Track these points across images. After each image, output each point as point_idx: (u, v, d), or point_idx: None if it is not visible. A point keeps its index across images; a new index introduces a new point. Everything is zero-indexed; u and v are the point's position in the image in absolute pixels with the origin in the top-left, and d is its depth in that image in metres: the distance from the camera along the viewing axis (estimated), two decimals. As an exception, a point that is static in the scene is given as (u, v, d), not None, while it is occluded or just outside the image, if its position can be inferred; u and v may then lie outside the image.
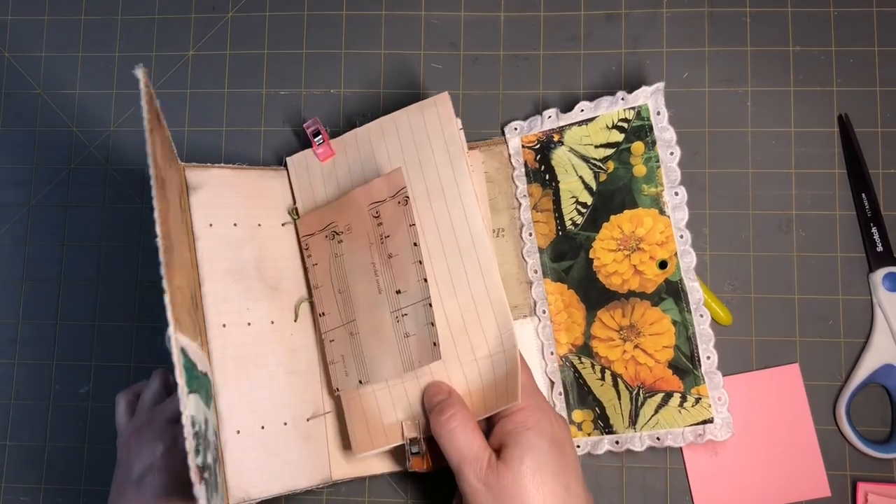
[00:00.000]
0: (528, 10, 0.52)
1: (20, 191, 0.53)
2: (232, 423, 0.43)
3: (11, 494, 0.50)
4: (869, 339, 0.47)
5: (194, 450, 0.32)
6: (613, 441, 0.46)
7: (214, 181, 0.46)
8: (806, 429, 0.47)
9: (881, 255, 0.47)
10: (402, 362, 0.43)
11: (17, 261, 0.52)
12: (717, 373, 0.45)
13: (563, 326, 0.48)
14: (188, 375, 0.34)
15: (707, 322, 0.45)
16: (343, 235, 0.46)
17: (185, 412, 0.32)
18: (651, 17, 0.51)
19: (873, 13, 0.50)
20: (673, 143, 0.46)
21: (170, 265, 0.35)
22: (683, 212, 0.46)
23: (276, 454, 0.44)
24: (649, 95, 0.46)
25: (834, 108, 0.49)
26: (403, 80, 0.52)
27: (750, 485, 0.46)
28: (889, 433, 0.47)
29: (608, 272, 0.47)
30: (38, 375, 0.51)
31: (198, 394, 0.35)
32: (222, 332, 0.44)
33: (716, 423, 0.45)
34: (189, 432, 0.32)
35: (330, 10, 0.52)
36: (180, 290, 0.37)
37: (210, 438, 0.36)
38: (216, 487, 0.38)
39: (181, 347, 0.33)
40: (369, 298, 0.45)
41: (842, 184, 0.49)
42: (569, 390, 0.47)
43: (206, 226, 0.45)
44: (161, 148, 0.38)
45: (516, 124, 0.49)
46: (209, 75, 0.53)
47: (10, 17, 0.54)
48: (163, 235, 0.34)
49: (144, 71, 0.34)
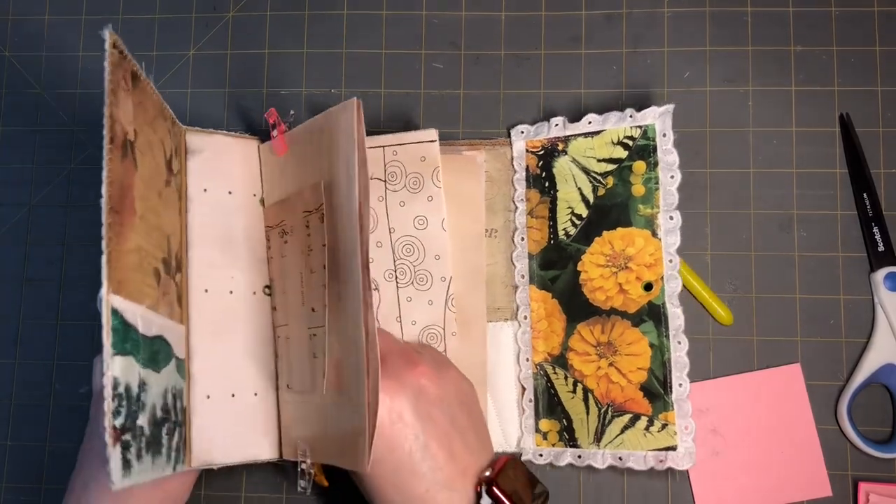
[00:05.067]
0: (528, 9, 0.52)
1: (20, 191, 0.53)
2: (203, 387, 0.44)
3: (11, 494, 0.50)
4: (870, 338, 0.47)
5: (113, 411, 0.32)
6: (576, 455, 0.46)
7: (214, 147, 0.46)
8: (807, 429, 0.47)
9: (882, 255, 0.47)
10: (310, 381, 0.42)
11: (17, 261, 0.52)
12: (688, 401, 0.45)
13: (543, 335, 0.48)
14: (121, 337, 0.34)
15: (684, 350, 0.45)
16: (288, 237, 0.45)
17: (107, 372, 0.32)
18: (652, 17, 0.51)
19: (875, 12, 0.50)
20: (675, 167, 0.46)
21: (121, 226, 0.35)
22: (675, 237, 0.45)
23: (243, 423, 0.45)
24: (657, 116, 0.46)
25: (835, 108, 0.49)
26: (404, 80, 0.52)
27: (751, 484, 0.46)
28: (891, 433, 0.47)
29: (593, 287, 0.47)
30: (38, 375, 0.51)
31: (132, 356, 0.34)
32: (204, 297, 0.45)
33: (679, 451, 0.44)
34: (109, 393, 0.32)
35: (331, 9, 0.52)
36: (136, 252, 0.36)
37: (149, 401, 0.36)
38: (167, 450, 0.38)
39: (113, 308, 0.33)
40: (297, 307, 0.44)
41: (843, 183, 0.49)
42: (539, 398, 0.47)
43: (201, 190, 0.45)
44: (136, 109, 0.37)
45: (523, 128, 0.49)
46: (209, 75, 0.53)
47: (10, 16, 0.54)
48: (109, 196, 0.33)
49: (112, 33, 0.34)
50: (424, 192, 0.48)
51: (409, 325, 0.48)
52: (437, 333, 0.47)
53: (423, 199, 0.48)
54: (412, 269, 0.48)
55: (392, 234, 0.48)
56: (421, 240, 0.48)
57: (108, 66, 0.34)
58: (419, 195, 0.48)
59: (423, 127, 0.50)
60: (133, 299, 0.36)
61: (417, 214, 0.48)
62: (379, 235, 0.48)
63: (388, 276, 0.48)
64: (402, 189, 0.48)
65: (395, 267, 0.48)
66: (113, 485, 0.31)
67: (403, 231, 0.48)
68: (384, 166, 0.48)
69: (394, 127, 0.50)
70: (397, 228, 0.48)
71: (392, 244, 0.48)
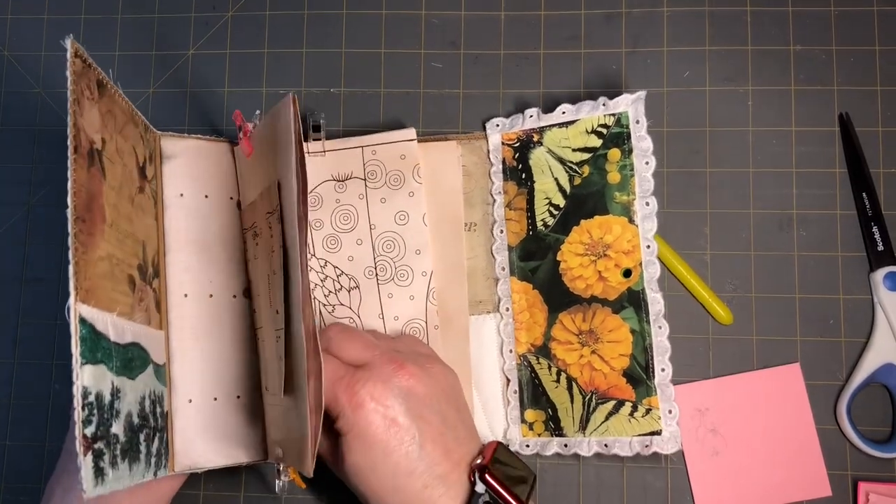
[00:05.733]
0: (528, 9, 0.51)
1: (19, 190, 0.53)
2: (185, 391, 0.44)
3: (11, 494, 0.50)
4: (870, 338, 0.47)
5: (84, 419, 0.32)
6: (562, 444, 0.46)
7: (189, 151, 0.46)
8: (807, 428, 0.47)
9: (882, 255, 0.47)
10: (278, 383, 0.41)
11: (17, 260, 0.52)
12: (670, 385, 0.45)
13: (525, 326, 0.48)
14: (90, 346, 0.33)
15: (665, 334, 0.45)
16: (258, 239, 0.45)
17: (76, 382, 0.32)
18: (651, 16, 0.51)
19: (874, 12, 0.50)
20: (649, 153, 0.46)
21: (89, 235, 0.35)
22: (652, 222, 0.46)
23: (226, 426, 0.45)
24: (630, 103, 0.46)
25: (835, 107, 0.49)
26: (404, 80, 0.52)
27: (751, 484, 0.46)
28: (890, 433, 0.47)
29: (573, 276, 0.47)
30: (38, 375, 0.51)
31: (104, 364, 0.34)
32: (183, 302, 0.45)
33: (663, 435, 0.45)
34: (78, 402, 0.32)
35: (330, 9, 0.52)
36: (107, 260, 0.36)
37: (124, 409, 0.36)
38: (146, 457, 0.38)
39: (80, 317, 0.33)
40: (266, 309, 0.43)
41: (842, 183, 0.49)
42: (524, 389, 0.48)
43: (177, 195, 0.45)
44: (104, 118, 0.37)
45: (498, 121, 0.49)
46: (209, 74, 0.52)
47: (10, 16, 0.54)
48: (75, 206, 0.33)
49: (73, 42, 0.34)
50: (405, 188, 0.48)
51: (391, 321, 0.48)
52: (420, 327, 0.48)
53: (403, 194, 0.48)
54: (393, 265, 0.48)
55: (373, 231, 0.48)
56: (402, 235, 0.48)
57: (70, 75, 0.34)
58: (400, 191, 0.48)
59: (423, 126, 0.51)
60: (104, 307, 0.36)
61: (398, 210, 0.48)
62: (359, 233, 0.48)
63: (369, 274, 0.48)
64: (383, 186, 0.48)
65: (376, 264, 0.48)
66: (85, 493, 0.31)
67: (384, 227, 0.48)
68: (363, 165, 0.48)
69: (393, 127, 0.50)
70: (378, 225, 0.48)
71: (373, 241, 0.48)
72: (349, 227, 0.48)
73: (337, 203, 0.48)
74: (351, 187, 0.48)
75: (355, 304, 0.48)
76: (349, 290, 0.48)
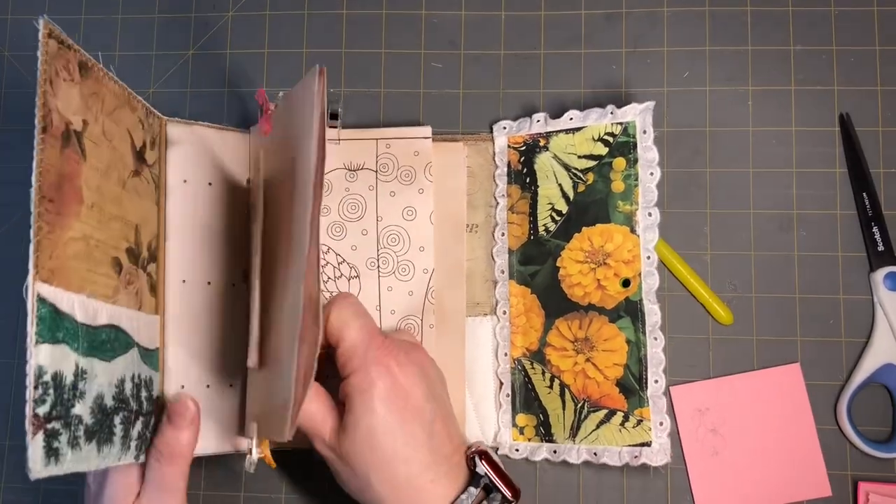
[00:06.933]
0: (528, 9, 0.51)
1: (19, 190, 0.53)
2: (178, 377, 0.44)
3: (11, 494, 0.50)
4: (870, 338, 0.47)
5: (36, 399, 0.32)
6: (552, 450, 0.46)
7: (195, 138, 0.46)
8: (807, 428, 0.47)
9: (882, 255, 0.47)
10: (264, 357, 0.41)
11: (17, 260, 0.52)
12: (663, 397, 0.45)
13: (521, 330, 0.48)
14: (49, 325, 0.33)
15: (660, 346, 0.45)
16: (269, 208, 0.44)
17: (30, 361, 0.32)
18: (651, 16, 0.51)
19: (874, 12, 0.50)
20: (654, 164, 0.46)
21: (58, 215, 0.35)
22: (654, 233, 0.45)
23: (219, 413, 0.45)
24: (638, 113, 0.46)
25: (835, 108, 0.49)
26: (404, 80, 0.52)
27: (751, 484, 0.46)
28: (890, 433, 0.47)
29: (572, 282, 0.47)
30: (38, 375, 0.51)
31: (66, 344, 0.34)
32: (181, 288, 0.45)
33: (653, 447, 0.44)
34: (31, 381, 0.32)
35: (330, 9, 0.52)
36: (82, 241, 0.36)
37: (92, 390, 0.36)
38: (124, 440, 0.38)
39: (40, 296, 0.33)
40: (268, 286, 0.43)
41: (843, 183, 0.49)
42: (517, 393, 0.48)
43: (181, 182, 0.46)
44: (88, 100, 0.37)
45: (505, 123, 0.49)
46: (209, 74, 0.52)
47: (10, 16, 0.54)
48: (40, 185, 0.34)
49: (47, 23, 0.34)
50: (416, 184, 0.48)
51: (388, 315, 0.48)
52: (415, 324, 0.48)
53: (414, 190, 0.48)
54: (395, 259, 0.48)
55: (379, 223, 0.48)
56: (407, 230, 0.48)
57: (41, 55, 0.34)
58: (410, 187, 0.48)
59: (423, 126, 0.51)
60: (73, 288, 0.35)
61: (407, 205, 0.48)
62: (365, 223, 0.48)
63: (371, 265, 0.48)
64: (394, 180, 0.48)
65: (378, 256, 0.48)
66: (30, 472, 0.31)
67: (391, 220, 0.48)
68: (376, 157, 0.48)
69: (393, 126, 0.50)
70: (385, 217, 0.48)
71: (378, 233, 0.48)
72: (356, 216, 0.48)
73: (346, 192, 0.48)
74: (362, 177, 0.48)
75: (354, 294, 0.48)
76: (349, 279, 0.48)
